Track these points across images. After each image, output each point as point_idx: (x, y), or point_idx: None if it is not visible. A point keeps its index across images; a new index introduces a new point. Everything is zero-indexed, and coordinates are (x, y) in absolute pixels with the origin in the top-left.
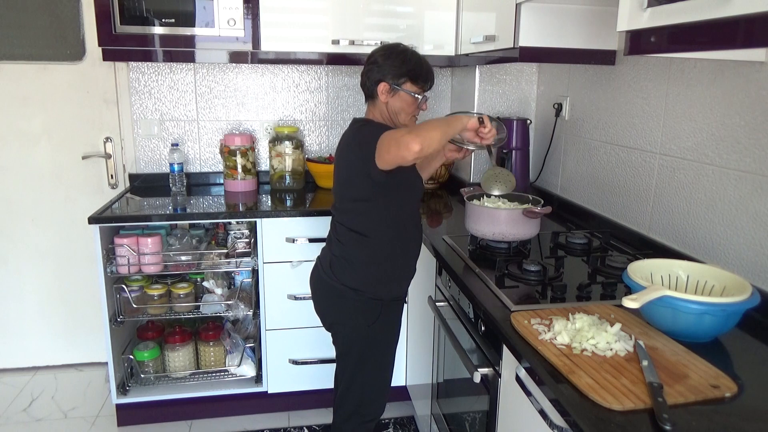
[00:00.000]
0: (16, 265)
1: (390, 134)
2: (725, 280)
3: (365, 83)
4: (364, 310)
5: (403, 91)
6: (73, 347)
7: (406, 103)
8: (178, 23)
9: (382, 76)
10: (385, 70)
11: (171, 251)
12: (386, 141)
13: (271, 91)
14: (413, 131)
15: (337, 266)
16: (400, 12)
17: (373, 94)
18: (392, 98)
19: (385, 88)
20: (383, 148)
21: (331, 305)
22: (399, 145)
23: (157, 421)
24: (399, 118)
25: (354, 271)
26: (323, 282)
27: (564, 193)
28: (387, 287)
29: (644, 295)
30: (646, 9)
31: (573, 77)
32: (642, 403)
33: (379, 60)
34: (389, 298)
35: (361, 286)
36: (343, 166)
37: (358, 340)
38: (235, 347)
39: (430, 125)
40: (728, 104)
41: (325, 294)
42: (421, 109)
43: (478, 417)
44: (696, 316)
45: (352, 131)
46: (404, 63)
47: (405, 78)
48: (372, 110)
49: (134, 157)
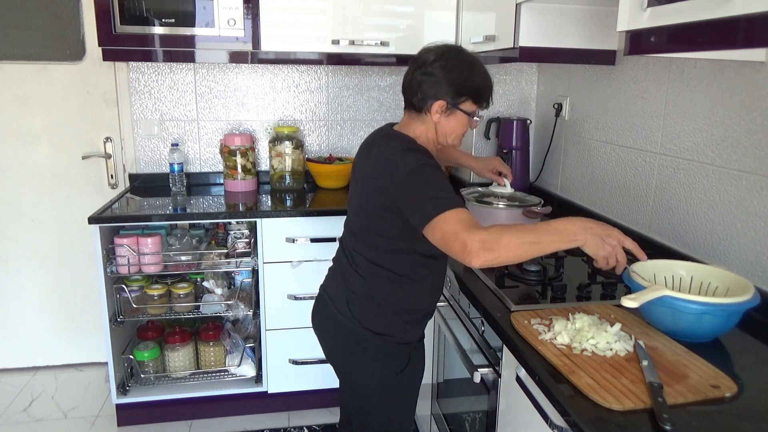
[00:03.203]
0: (16, 265)
1: (453, 225)
2: (728, 280)
3: (415, 94)
4: (391, 358)
5: (460, 111)
6: (73, 347)
7: (460, 125)
8: (178, 23)
9: (440, 93)
10: (445, 86)
11: (171, 251)
12: (449, 232)
13: (271, 91)
14: (491, 239)
15: (358, 306)
16: (400, 12)
17: (422, 109)
18: (447, 118)
19: (441, 107)
20: (439, 234)
21: (348, 352)
22: (464, 251)
23: (157, 421)
24: (448, 139)
25: (381, 314)
26: (337, 323)
27: (564, 193)
28: (416, 329)
29: (644, 294)
30: (646, 9)
31: (573, 77)
32: (642, 403)
33: (437, 73)
34: (417, 339)
35: (388, 330)
36: (369, 190)
37: (381, 392)
38: (235, 347)
39: (526, 233)
40: (728, 104)
41: (339, 337)
42: (471, 128)
43: (478, 417)
44: (696, 316)
45: (388, 149)
46: (470, 79)
47: (466, 97)
48: (415, 124)
49: (134, 157)
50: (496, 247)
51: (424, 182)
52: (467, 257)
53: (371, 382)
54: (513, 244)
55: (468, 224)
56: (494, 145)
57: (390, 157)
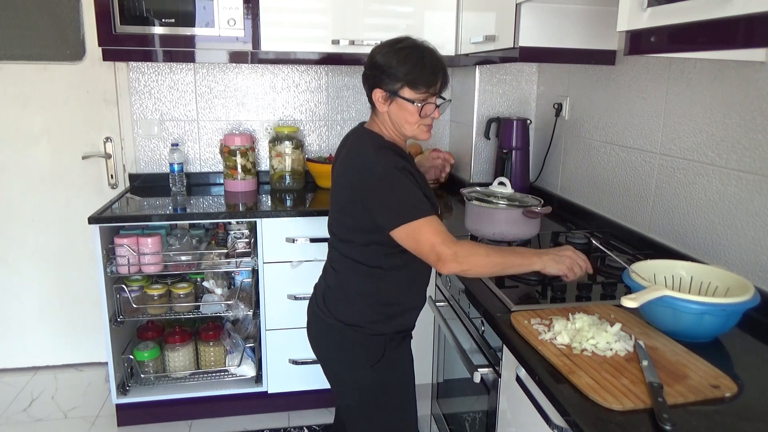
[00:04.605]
0: (16, 265)
1: (430, 236)
2: (728, 281)
3: (366, 90)
4: (365, 349)
5: (400, 98)
6: (73, 347)
7: (407, 113)
8: (178, 23)
9: (376, 81)
10: (380, 75)
11: (171, 251)
12: (425, 242)
13: (271, 91)
14: (463, 253)
15: (331, 299)
16: (400, 12)
17: (372, 102)
18: (391, 107)
19: (381, 96)
20: (412, 241)
21: (324, 345)
22: (438, 259)
23: (157, 421)
24: (405, 130)
25: (351, 305)
26: (317, 318)
27: (564, 193)
28: (392, 322)
29: (643, 294)
30: (646, 9)
31: (573, 77)
32: (642, 403)
33: (379, 60)
34: (394, 331)
35: (358, 320)
36: (340, 187)
37: (362, 386)
38: (235, 347)
39: (493, 253)
40: (728, 104)
41: (317, 331)
42: (432, 118)
43: (478, 417)
44: (696, 316)
45: (359, 147)
46: (400, 64)
47: (401, 83)
48: (376, 120)
49: (134, 157)
50: (466, 262)
51: (395, 184)
52: (439, 264)
53: (347, 376)
54: (481, 261)
55: (443, 237)
56: (494, 145)
57: (360, 154)
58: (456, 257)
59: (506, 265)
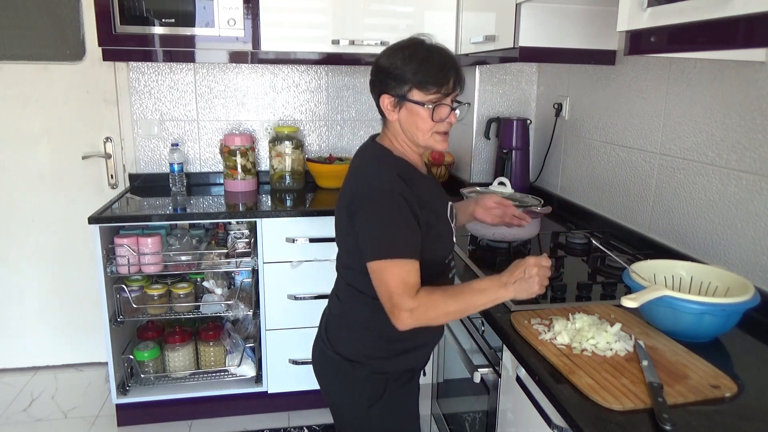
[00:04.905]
0: (16, 265)
1: (391, 283)
2: (728, 281)
3: (373, 98)
4: (361, 388)
5: (409, 102)
6: (73, 347)
7: (420, 118)
8: (178, 23)
9: (383, 87)
10: (387, 78)
11: (171, 251)
12: (384, 290)
13: (271, 91)
14: (420, 309)
15: (333, 329)
16: (400, 12)
17: (381, 111)
18: (401, 113)
19: (389, 102)
20: (377, 280)
21: (323, 377)
22: (391, 312)
23: (157, 421)
24: (418, 138)
25: (352, 339)
26: (317, 346)
27: (564, 193)
28: (398, 360)
29: (643, 294)
30: (646, 9)
31: (573, 77)
32: (642, 403)
33: (383, 62)
34: (399, 370)
35: (359, 357)
36: (339, 208)
37: (359, 427)
38: (235, 347)
39: (453, 302)
40: (728, 104)
41: (318, 361)
42: (449, 123)
43: (478, 417)
44: (696, 316)
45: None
46: (405, 64)
47: (409, 85)
48: (386, 133)
49: (134, 157)
50: (423, 317)
51: (380, 213)
52: (392, 318)
53: (345, 412)
54: (440, 316)
55: (405, 288)
56: (494, 145)
57: (359, 172)
58: (411, 314)
59: (469, 309)
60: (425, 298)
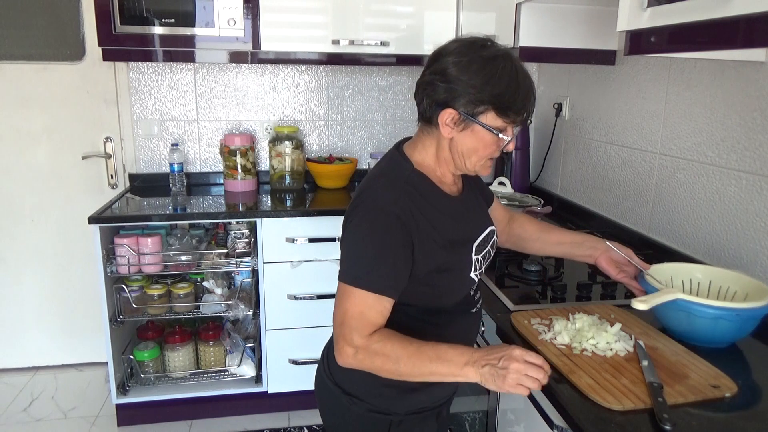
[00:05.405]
0: (16, 265)
1: (348, 313)
2: (748, 286)
3: (422, 100)
4: (362, 427)
5: (479, 125)
6: (73, 347)
7: (482, 144)
8: (178, 23)
9: (450, 99)
10: (459, 89)
11: (171, 251)
12: (338, 318)
13: (271, 91)
14: (366, 354)
15: (332, 357)
16: (400, 12)
17: (432, 120)
18: (461, 133)
19: (452, 117)
20: (336, 304)
21: (321, 405)
22: (336, 343)
23: (157, 421)
24: (466, 162)
25: (354, 371)
26: (318, 374)
27: (564, 193)
28: (403, 400)
29: (655, 297)
30: (646, 9)
31: (573, 77)
32: (642, 403)
33: (451, 71)
34: (407, 412)
35: (359, 391)
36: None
37: None
38: (235, 347)
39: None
40: (728, 104)
41: (318, 388)
42: (505, 151)
43: (478, 417)
44: (711, 321)
45: (370, 172)
46: (491, 81)
47: (487, 105)
48: (426, 141)
49: (134, 157)
50: (366, 363)
51: (365, 234)
52: (335, 351)
53: None
54: (383, 371)
55: (360, 324)
56: None
57: (366, 181)
58: (356, 354)
59: (422, 376)
60: (377, 344)
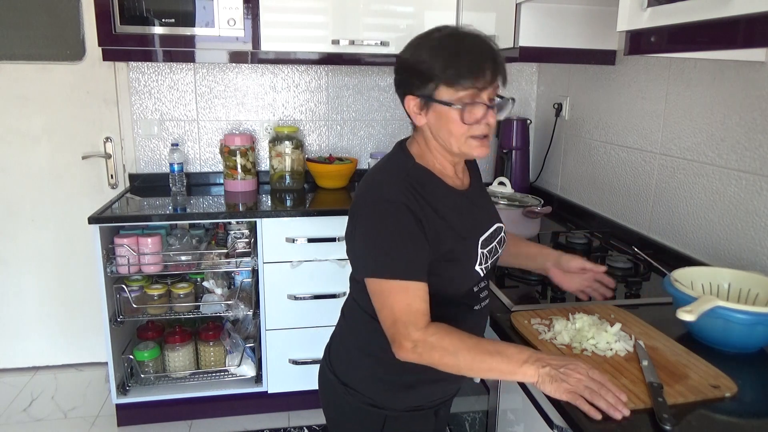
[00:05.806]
0: (16, 265)
1: (396, 309)
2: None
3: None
4: (358, 420)
5: (437, 103)
6: (73, 347)
7: (449, 121)
8: (178, 23)
9: (407, 86)
10: (412, 74)
11: (171, 251)
12: (387, 315)
13: (271, 91)
14: (426, 346)
15: (334, 348)
16: (400, 12)
17: (409, 116)
18: (429, 117)
19: (415, 103)
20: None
21: (322, 396)
22: (393, 340)
23: (157, 421)
24: (451, 145)
25: (348, 358)
26: (321, 366)
27: (564, 193)
28: (399, 396)
29: (699, 306)
30: (646, 9)
31: (573, 77)
32: (642, 403)
33: (406, 57)
34: (403, 408)
35: (355, 383)
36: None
37: None
38: (235, 347)
39: (465, 353)
40: (728, 104)
41: (320, 380)
42: (487, 124)
43: (478, 417)
44: (748, 327)
45: (371, 169)
46: (432, 56)
47: (435, 82)
48: (415, 135)
49: (134, 157)
50: (425, 357)
51: (381, 224)
52: (394, 347)
53: None
54: (445, 361)
55: (412, 317)
56: (494, 145)
57: (370, 174)
58: (415, 348)
59: (481, 371)
60: (433, 337)
